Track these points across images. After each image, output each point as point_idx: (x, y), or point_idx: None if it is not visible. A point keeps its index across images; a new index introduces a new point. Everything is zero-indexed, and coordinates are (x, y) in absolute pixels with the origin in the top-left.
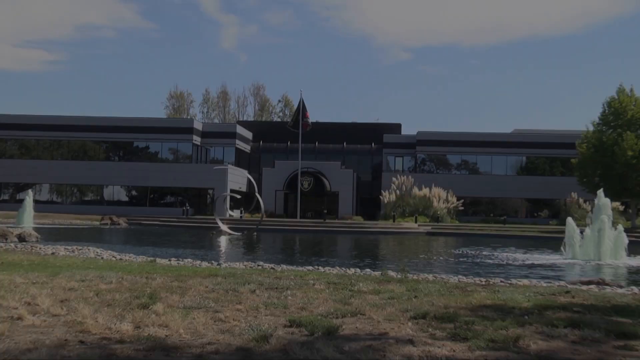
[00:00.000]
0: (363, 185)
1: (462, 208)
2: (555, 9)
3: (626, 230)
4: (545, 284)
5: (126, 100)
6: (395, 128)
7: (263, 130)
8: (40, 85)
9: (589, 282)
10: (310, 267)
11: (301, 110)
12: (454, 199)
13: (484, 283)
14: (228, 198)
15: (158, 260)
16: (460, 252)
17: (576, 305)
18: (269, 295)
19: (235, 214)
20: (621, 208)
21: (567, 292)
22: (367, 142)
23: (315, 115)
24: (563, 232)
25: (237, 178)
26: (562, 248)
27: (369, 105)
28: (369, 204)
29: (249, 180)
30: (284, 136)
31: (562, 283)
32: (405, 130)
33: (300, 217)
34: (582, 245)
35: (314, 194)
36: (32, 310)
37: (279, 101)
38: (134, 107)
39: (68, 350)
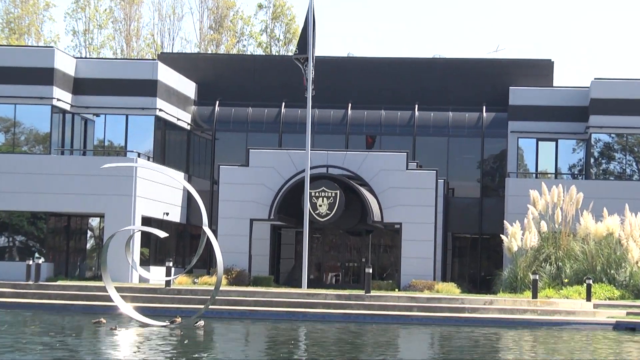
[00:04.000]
0: (461, 206)
1: None
2: None
3: None
4: None
5: None
6: (539, 71)
7: (221, 76)
8: None
9: None
10: None
11: (310, 29)
12: None
13: None
14: (135, 239)
15: None
16: None
17: None
18: None
19: (155, 275)
20: None
21: None
22: (471, 105)
23: (341, 44)
24: None
25: (161, 190)
26: None
27: (472, 21)
28: (474, 253)
29: (187, 195)
30: (272, 89)
31: None
32: (561, 78)
33: (310, 285)
34: None
35: (342, 228)
36: None
37: (260, 7)
38: None
39: None
